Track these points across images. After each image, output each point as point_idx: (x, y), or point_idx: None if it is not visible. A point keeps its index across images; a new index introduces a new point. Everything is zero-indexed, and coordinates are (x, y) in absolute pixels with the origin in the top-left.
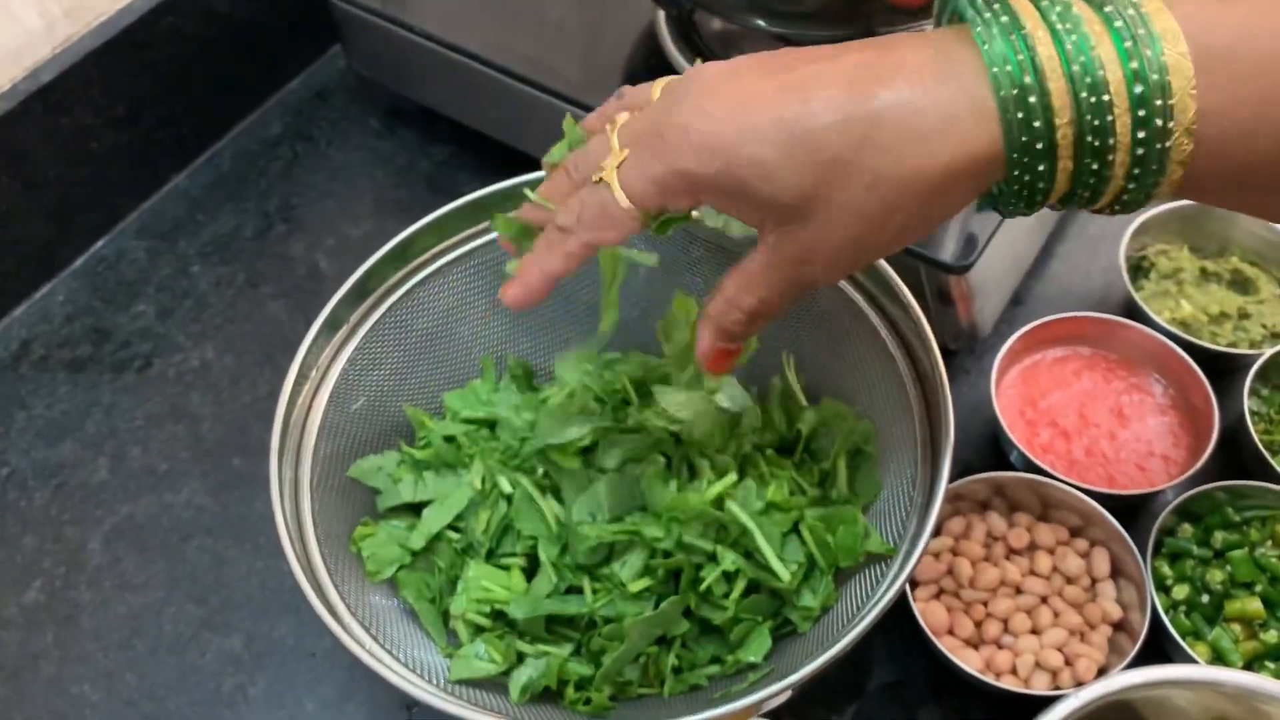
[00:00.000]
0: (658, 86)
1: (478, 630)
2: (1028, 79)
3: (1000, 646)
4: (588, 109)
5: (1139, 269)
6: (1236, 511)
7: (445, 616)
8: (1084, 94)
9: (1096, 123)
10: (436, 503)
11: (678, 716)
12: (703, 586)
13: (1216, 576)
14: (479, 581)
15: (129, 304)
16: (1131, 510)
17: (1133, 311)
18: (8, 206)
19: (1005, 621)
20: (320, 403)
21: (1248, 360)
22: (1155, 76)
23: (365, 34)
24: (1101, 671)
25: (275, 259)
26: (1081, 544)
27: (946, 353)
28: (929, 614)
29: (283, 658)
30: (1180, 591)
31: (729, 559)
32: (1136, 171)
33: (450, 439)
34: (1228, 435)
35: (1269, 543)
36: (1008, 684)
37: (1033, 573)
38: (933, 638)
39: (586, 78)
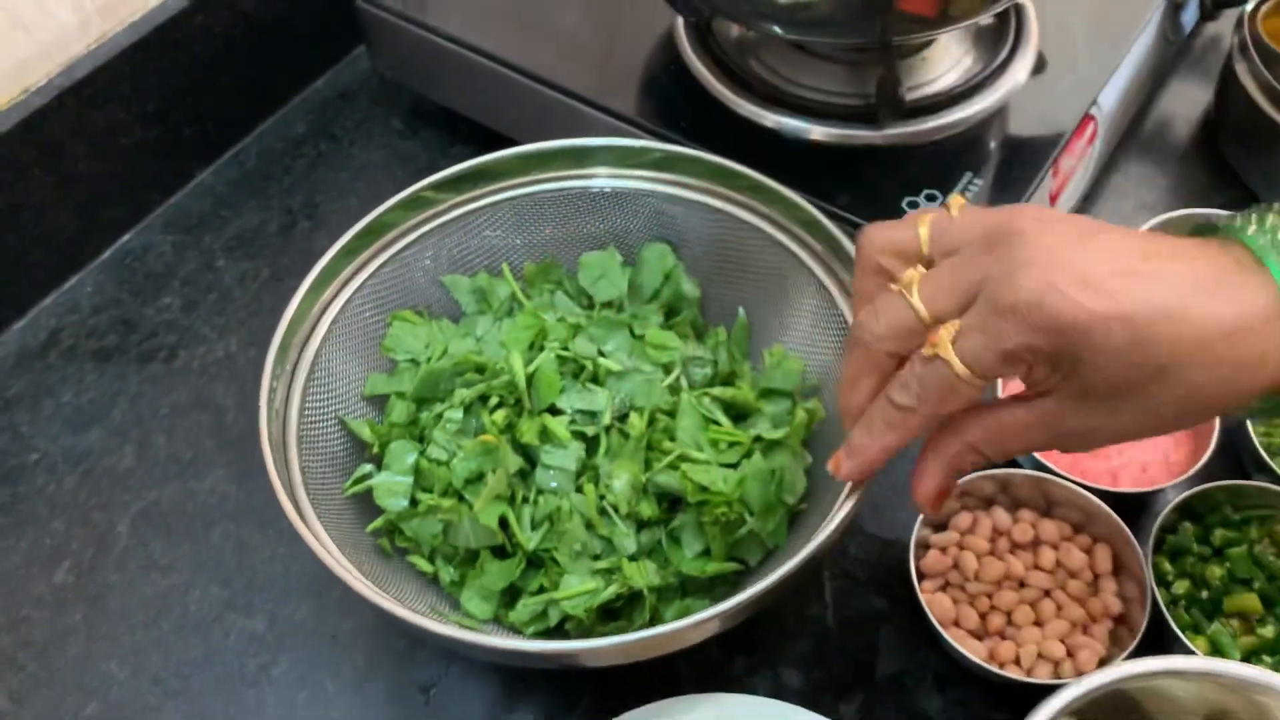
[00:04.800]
0: (949, 231)
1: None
2: None
3: (1004, 638)
4: (608, 112)
5: None
6: (1236, 510)
7: None
8: None
9: None
10: None
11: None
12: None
13: (1216, 573)
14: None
15: (155, 296)
16: (1134, 508)
17: None
18: (40, 199)
19: (1009, 614)
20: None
21: None
22: None
23: (389, 36)
24: (1103, 663)
25: (299, 254)
26: (1084, 540)
27: None
28: (935, 605)
29: (304, 639)
30: (1180, 587)
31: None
32: None
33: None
34: (1229, 439)
35: (1267, 540)
36: (1011, 673)
37: (1037, 567)
38: (939, 628)
39: (606, 81)
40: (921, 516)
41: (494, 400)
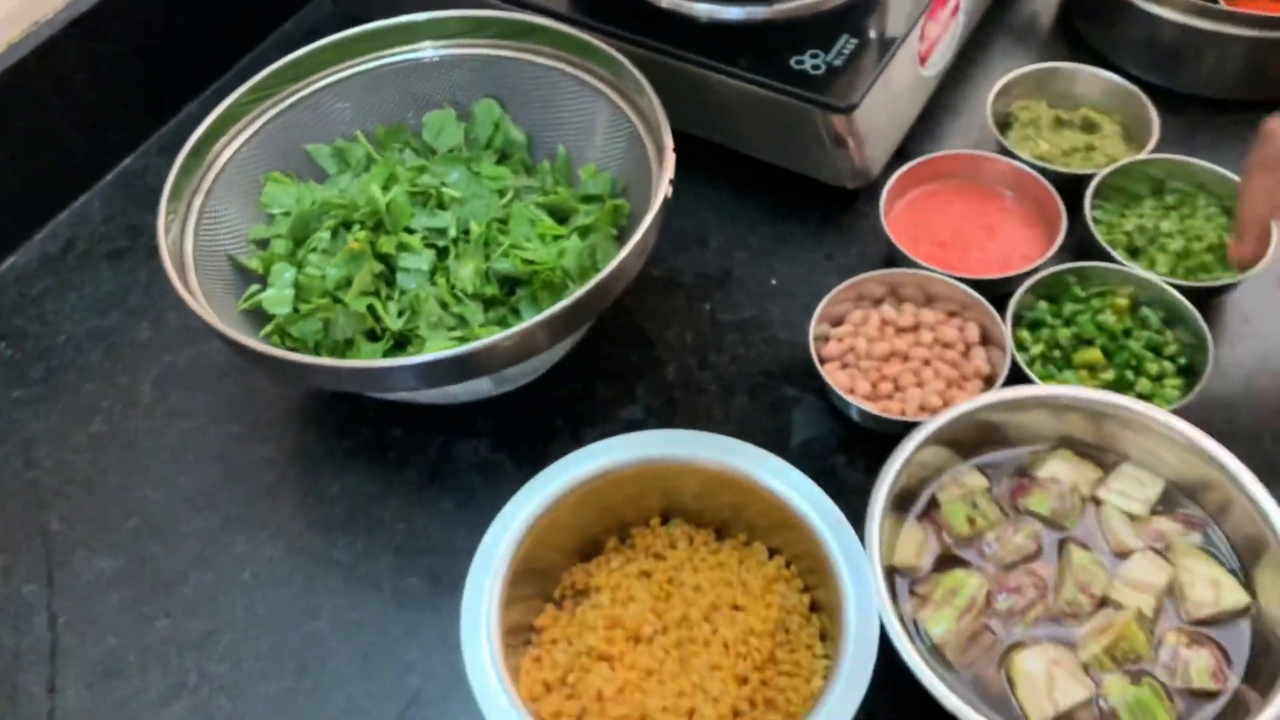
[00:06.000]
0: None
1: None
2: None
3: (892, 399)
4: (551, 14)
5: (1005, 124)
6: (1083, 290)
7: None
8: None
9: None
10: None
11: None
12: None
13: (1065, 334)
14: None
15: (156, 206)
16: (1000, 297)
17: (1001, 153)
18: (52, 124)
19: (896, 380)
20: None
21: (1092, 178)
22: None
23: None
24: None
25: None
26: (958, 321)
27: (847, 194)
28: (835, 378)
29: (312, 456)
30: (1036, 349)
31: None
32: None
33: None
34: (1080, 240)
35: (1108, 310)
36: (898, 418)
37: (918, 344)
38: (838, 390)
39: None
40: (818, 315)
41: (357, 225)
